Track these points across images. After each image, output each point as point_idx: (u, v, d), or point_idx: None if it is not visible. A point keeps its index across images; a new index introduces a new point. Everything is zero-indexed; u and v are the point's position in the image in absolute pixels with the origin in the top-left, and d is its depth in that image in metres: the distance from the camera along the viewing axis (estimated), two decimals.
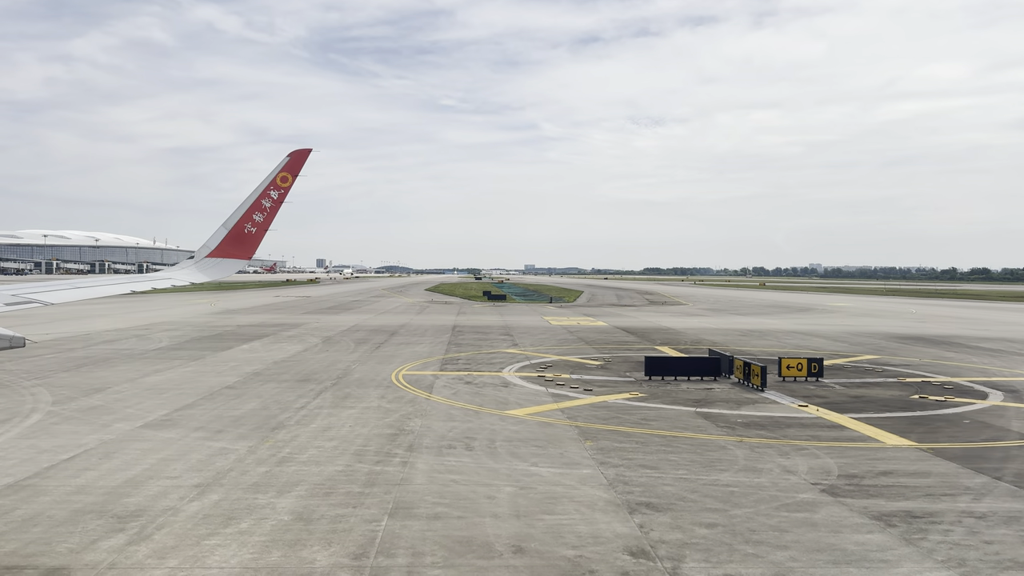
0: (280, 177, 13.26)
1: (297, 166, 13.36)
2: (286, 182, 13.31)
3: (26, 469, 13.80)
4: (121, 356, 31.11)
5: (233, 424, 18.09)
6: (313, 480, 13.34)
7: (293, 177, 13.35)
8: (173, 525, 10.94)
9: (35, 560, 9.58)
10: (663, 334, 45.70)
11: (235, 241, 13.31)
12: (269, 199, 13.25)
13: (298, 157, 13.42)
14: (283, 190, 13.30)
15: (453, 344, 37.63)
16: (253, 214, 13.30)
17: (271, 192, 13.24)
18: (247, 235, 13.26)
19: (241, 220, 13.30)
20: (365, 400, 21.56)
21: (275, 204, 13.34)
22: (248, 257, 13.57)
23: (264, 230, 13.43)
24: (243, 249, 13.39)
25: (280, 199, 13.33)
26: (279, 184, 13.25)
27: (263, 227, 13.39)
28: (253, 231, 13.29)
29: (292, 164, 13.33)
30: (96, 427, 17.53)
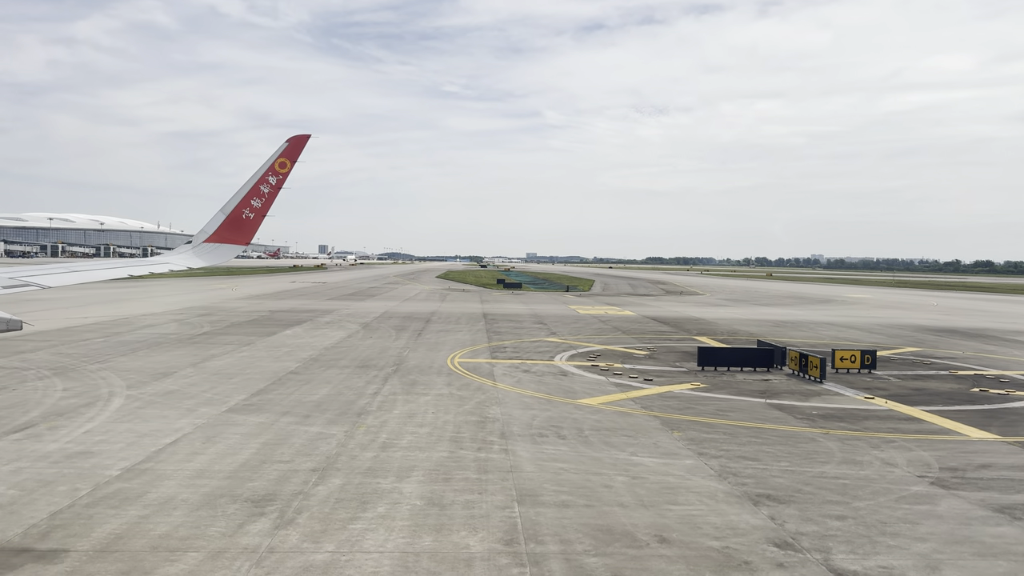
0: (279, 163, 13.24)
1: (296, 152, 13.35)
2: (284, 168, 13.29)
3: (136, 453, 13.89)
4: (170, 341, 31.21)
5: (316, 409, 18.18)
6: (425, 466, 13.43)
7: (292, 163, 13.33)
8: (311, 509, 11.05)
9: (193, 543, 9.66)
10: (696, 324, 45.69)
11: (233, 226, 13.30)
12: (267, 185, 13.24)
13: (297, 143, 13.41)
14: (281, 176, 13.30)
15: (492, 332, 37.72)
16: (251, 199, 13.30)
17: (269, 178, 13.23)
18: (245, 220, 13.27)
19: (239, 205, 13.30)
20: (433, 387, 21.65)
21: (273, 190, 13.32)
22: (246, 242, 13.58)
23: (262, 216, 13.44)
24: (241, 234, 13.40)
25: (278, 185, 13.32)
26: (277, 170, 13.25)
27: (261, 213, 13.40)
28: (251, 216, 13.30)
29: (291, 150, 13.32)
30: (183, 411, 17.63)
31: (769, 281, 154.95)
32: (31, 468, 12.73)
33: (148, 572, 8.80)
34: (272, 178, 13.13)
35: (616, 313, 53.62)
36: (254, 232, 13.39)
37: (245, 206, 13.19)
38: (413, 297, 68.40)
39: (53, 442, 14.51)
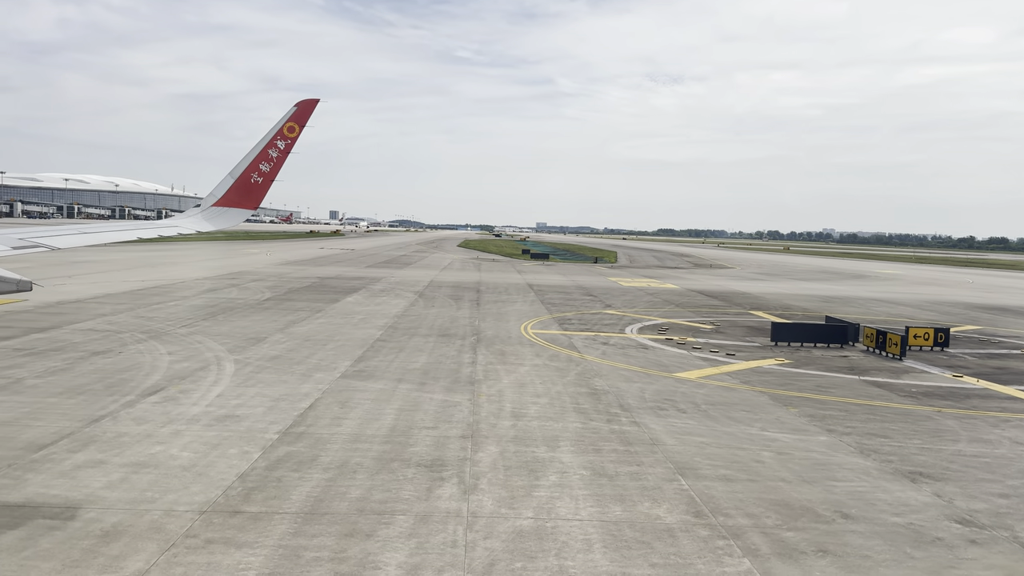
0: (287, 127, 13.19)
1: (304, 116, 13.29)
2: (293, 132, 13.24)
3: (281, 417, 14.12)
4: (242, 306, 31.37)
5: (426, 377, 18.34)
6: (566, 436, 13.59)
7: (300, 127, 13.28)
8: (486, 476, 11.27)
9: (394, 506, 9.88)
10: (745, 298, 45.44)
11: (241, 190, 13.31)
12: (276, 149, 13.21)
13: (305, 107, 13.32)
14: (290, 140, 13.26)
15: (547, 304, 37.73)
16: (259, 164, 13.29)
17: (278, 142, 13.20)
18: (253, 185, 13.27)
19: (248, 170, 13.29)
20: (525, 357, 21.73)
21: (282, 154, 13.30)
22: (254, 207, 13.66)
23: (270, 180, 13.43)
24: (249, 199, 13.43)
25: (287, 149, 13.30)
26: (286, 134, 13.19)
27: (269, 177, 13.38)
28: (259, 181, 13.29)
29: (299, 114, 13.25)
30: (299, 377, 17.85)
31: (789, 255, 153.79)
32: (189, 431, 13.01)
33: (368, 534, 9.11)
34: (281, 142, 13.14)
35: (659, 286, 53.51)
36: (263, 196, 13.47)
37: (254, 170, 13.21)
38: (448, 266, 68.49)
39: (193, 405, 14.82)
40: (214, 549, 8.53)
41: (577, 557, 8.67)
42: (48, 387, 15.81)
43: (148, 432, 12.88)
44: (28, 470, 10.79)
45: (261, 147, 13.16)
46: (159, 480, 10.63)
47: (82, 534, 8.75)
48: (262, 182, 13.25)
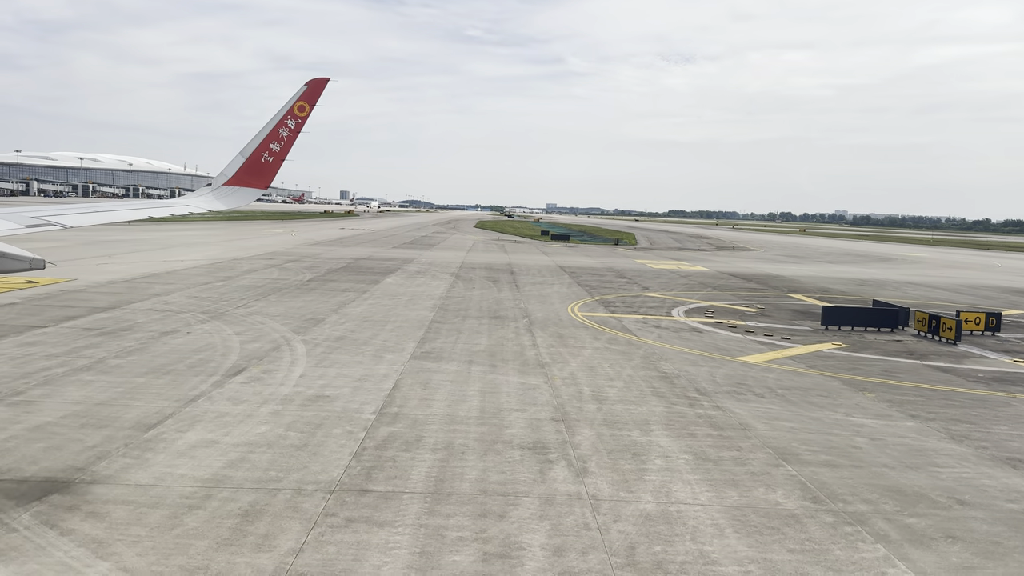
0: (297, 106, 13.11)
1: (315, 95, 13.21)
2: (303, 111, 13.16)
3: (370, 398, 14.20)
4: (288, 286, 31.46)
5: (495, 359, 18.36)
6: (655, 420, 13.59)
7: (311, 107, 13.20)
8: (592, 459, 11.30)
9: (514, 488, 9.93)
10: (781, 282, 45.11)
11: (252, 170, 13.27)
12: (286, 128, 13.14)
13: (316, 86, 13.26)
14: (300, 119, 13.18)
15: (584, 286, 37.62)
16: (270, 143, 13.20)
17: (288, 121, 13.13)
18: (264, 164, 13.22)
19: (258, 149, 13.21)
20: (583, 340, 21.69)
21: (292, 133, 13.22)
22: (265, 186, 13.63)
23: (281, 159, 13.38)
24: (260, 178, 13.38)
25: (297, 129, 13.23)
26: (296, 113, 13.11)
27: (280, 156, 13.32)
28: (270, 160, 13.24)
29: (310, 93, 13.18)
30: (372, 358, 17.94)
31: (806, 237, 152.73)
32: (287, 411, 13.10)
33: (501, 515, 9.19)
34: (291, 122, 13.08)
35: (689, 268, 53.32)
36: (273, 176, 13.45)
37: (264, 150, 13.15)
38: (473, 248, 68.47)
39: (280, 385, 14.95)
40: (357, 528, 8.66)
41: (713, 542, 8.73)
42: (131, 367, 15.99)
43: (248, 412, 13.02)
44: (146, 449, 10.96)
45: (272, 126, 13.13)
46: (277, 460, 10.75)
47: (223, 513, 8.92)
48: (273, 161, 13.25)
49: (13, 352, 16.85)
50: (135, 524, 8.51)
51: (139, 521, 8.59)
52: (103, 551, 7.86)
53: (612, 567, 8.01)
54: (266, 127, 13.17)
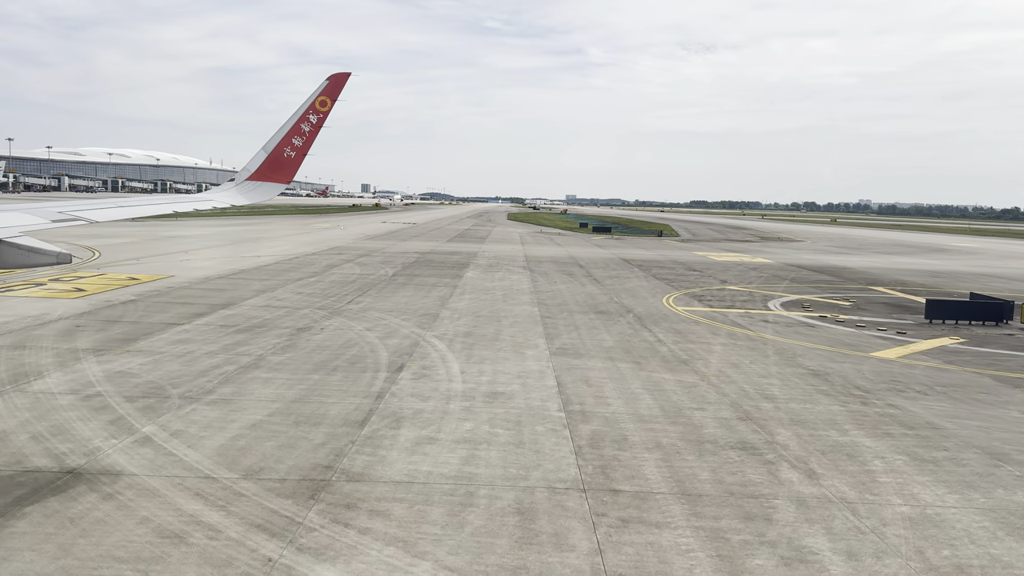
0: (319, 101, 13.09)
1: (336, 90, 13.18)
2: (325, 106, 13.13)
3: (545, 395, 14.18)
4: (378, 282, 31.60)
5: (630, 355, 18.20)
6: (840, 420, 13.35)
7: (332, 101, 13.17)
8: (812, 459, 11.17)
9: (755, 490, 9.91)
10: (853, 274, 44.31)
11: (275, 164, 13.32)
12: (308, 123, 13.13)
13: (337, 81, 13.21)
14: (322, 114, 13.16)
15: (663, 279, 37.24)
16: (292, 138, 13.23)
17: (310, 116, 13.12)
18: (286, 159, 13.26)
19: (280, 144, 13.25)
20: (704, 336, 21.43)
21: (314, 128, 13.23)
22: (287, 181, 13.69)
23: (303, 154, 13.41)
24: (282, 173, 13.44)
25: (319, 123, 13.22)
26: (318, 108, 13.10)
27: (302, 151, 13.35)
28: (292, 155, 13.27)
29: (331, 88, 13.15)
30: (514, 354, 17.91)
31: (841, 227, 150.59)
32: (477, 408, 13.12)
33: (767, 518, 9.10)
34: (313, 116, 13.10)
35: (752, 260, 52.62)
36: (296, 170, 13.55)
37: (286, 144, 13.21)
38: (523, 241, 68.26)
39: (449, 382, 15.01)
40: (639, 528, 8.69)
41: (994, 544, 8.59)
42: (295, 364, 16.16)
43: (441, 408, 13.11)
44: (376, 447, 11.08)
45: (294, 121, 13.21)
46: (507, 457, 10.83)
47: (497, 510, 9.01)
48: (295, 156, 13.33)
49: (171, 350, 17.12)
50: (422, 522, 8.61)
51: (423, 519, 8.70)
52: (413, 550, 7.98)
53: (915, 571, 7.95)
54: (288, 122, 13.30)
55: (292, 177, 13.90)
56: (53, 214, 10.14)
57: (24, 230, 9.00)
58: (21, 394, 13.09)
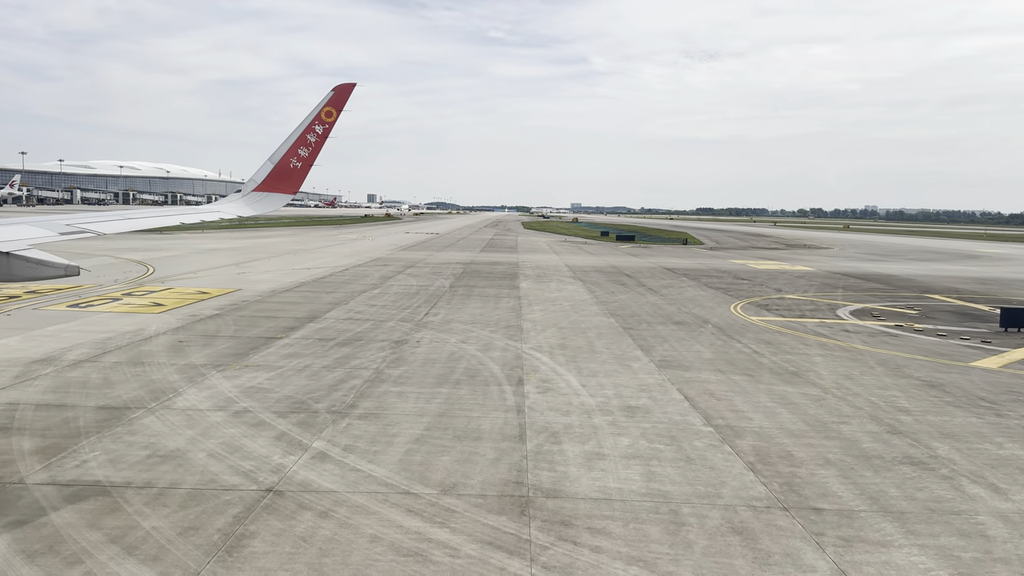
0: (325, 112, 13.17)
1: (342, 101, 13.25)
2: (331, 117, 13.22)
3: (679, 409, 14.11)
4: (440, 293, 31.55)
5: (735, 368, 18.13)
6: (993, 432, 13.28)
7: (338, 112, 13.26)
8: (991, 474, 11.13)
9: (952, 506, 9.83)
10: (901, 281, 44.03)
11: (281, 175, 13.39)
12: (314, 134, 13.21)
13: (343, 92, 13.28)
14: (328, 125, 13.25)
15: (716, 288, 37.06)
16: (298, 149, 13.30)
17: (316, 127, 13.20)
18: (292, 170, 13.34)
19: (287, 155, 13.32)
20: (795, 347, 21.25)
21: (320, 139, 13.29)
22: (293, 192, 13.75)
23: (309, 165, 13.47)
24: (288, 184, 13.52)
25: (325, 134, 13.30)
26: (324, 119, 13.18)
27: (308, 162, 13.41)
28: (298, 166, 13.35)
29: (337, 99, 13.21)
30: (620, 366, 17.78)
31: (857, 234, 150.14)
32: (623, 423, 13.04)
33: (983, 534, 9.09)
34: (319, 127, 13.19)
35: (793, 268, 52.34)
36: (302, 181, 13.64)
37: (292, 155, 13.29)
38: (551, 249, 68.10)
39: (576, 395, 14.87)
40: (866, 547, 8.60)
41: None
42: (417, 378, 16.01)
43: (590, 424, 12.91)
44: (551, 462, 10.94)
45: (299, 132, 13.31)
46: (687, 474, 10.67)
47: (712, 529, 8.90)
48: (301, 167, 13.43)
49: (288, 364, 17.09)
50: (646, 540, 8.47)
51: (644, 537, 8.55)
52: (658, 570, 7.88)
53: None
54: (294, 133, 13.41)
55: (298, 187, 14.00)
56: (61, 227, 10.26)
57: (33, 243, 9.17)
58: (170, 411, 13.15)
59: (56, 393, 14.07)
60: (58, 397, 13.78)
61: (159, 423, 12.47)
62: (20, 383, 14.73)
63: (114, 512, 8.97)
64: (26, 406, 13.18)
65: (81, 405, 13.29)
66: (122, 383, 14.95)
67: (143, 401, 13.72)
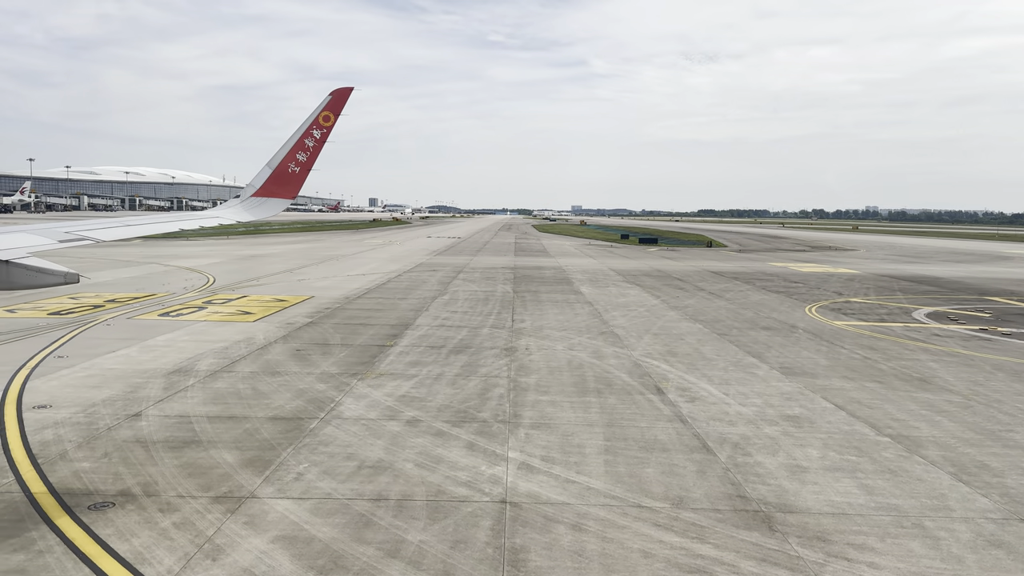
0: (322, 116, 13.16)
1: (339, 105, 13.24)
2: (328, 121, 13.20)
3: (834, 419, 14.07)
4: (503, 298, 31.42)
5: (860, 374, 17.96)
6: None
7: (335, 116, 13.24)
8: None
9: None
10: (950, 284, 43.80)
11: (279, 180, 13.37)
12: (312, 138, 13.20)
13: (340, 96, 13.26)
14: (326, 129, 13.23)
15: (776, 292, 36.94)
16: (296, 153, 13.28)
17: (314, 131, 13.18)
18: (291, 174, 13.32)
19: (285, 160, 13.31)
20: (900, 352, 21.17)
21: (318, 143, 13.28)
22: (292, 196, 13.72)
23: (307, 170, 13.45)
24: (287, 188, 13.49)
25: (323, 138, 13.27)
26: (322, 123, 13.16)
27: (306, 166, 13.40)
28: (297, 170, 13.33)
29: (334, 103, 13.21)
30: (744, 375, 17.69)
31: (868, 235, 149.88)
32: (802, 435, 12.99)
33: None
34: (316, 132, 13.17)
35: (835, 270, 52.04)
36: (300, 186, 13.62)
37: (291, 160, 13.29)
38: (582, 253, 67.89)
39: (740, 405, 14.76)
40: None
41: None
42: (554, 386, 15.88)
43: (763, 434, 12.86)
44: (759, 475, 10.86)
45: (297, 137, 13.30)
46: (909, 487, 10.55)
47: (978, 539, 8.82)
48: (299, 171, 13.42)
49: (420, 373, 16.90)
50: (916, 556, 8.41)
51: (910, 553, 8.49)
52: None
53: None
54: (292, 138, 13.41)
55: (297, 192, 13.98)
56: (60, 234, 10.24)
57: (31, 251, 9.19)
58: (343, 421, 13.06)
59: (216, 404, 14.03)
60: (222, 409, 13.74)
61: (342, 433, 12.40)
62: (173, 395, 14.63)
63: (369, 526, 8.91)
64: (198, 418, 13.13)
65: (252, 416, 13.24)
66: (274, 393, 14.90)
67: (309, 411, 13.64)
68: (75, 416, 12.98)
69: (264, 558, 8.07)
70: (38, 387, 14.82)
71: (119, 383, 15.39)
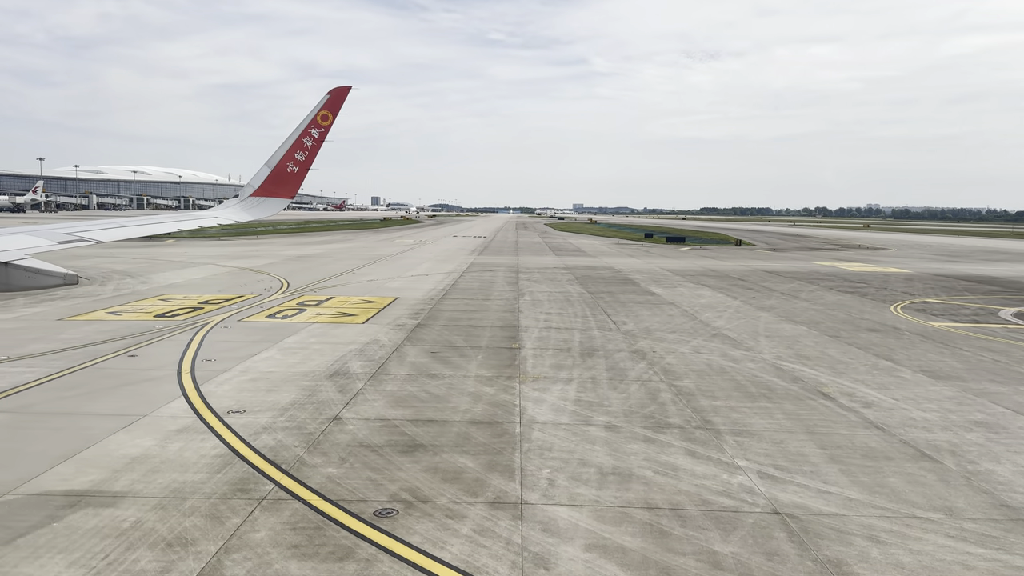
0: (321, 115, 13.10)
1: (337, 104, 13.17)
2: (327, 120, 13.15)
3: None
4: (580, 300, 31.21)
5: (1002, 376, 17.76)
6: None
7: (334, 115, 13.19)
8: None
9: None
10: (1009, 283, 43.35)
11: (278, 180, 13.30)
12: (310, 138, 13.15)
13: (338, 95, 13.18)
14: (324, 128, 13.17)
15: (846, 292, 36.63)
16: (295, 153, 13.23)
17: (312, 131, 13.12)
18: (289, 174, 13.26)
19: (283, 159, 13.24)
20: (1020, 356, 21.02)
21: (316, 143, 13.22)
22: (291, 196, 13.69)
23: (306, 169, 13.41)
24: (286, 188, 13.44)
25: (321, 138, 13.19)
26: (320, 123, 13.10)
27: (305, 166, 13.35)
28: (295, 170, 13.29)
29: (332, 102, 13.14)
30: (897, 378, 17.48)
31: (881, 232, 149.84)
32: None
33: None
34: (315, 131, 13.11)
35: (886, 270, 51.72)
36: (299, 185, 13.59)
37: (289, 159, 13.21)
38: (619, 253, 67.44)
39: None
40: None
41: None
42: (708, 390, 15.82)
43: (973, 441, 12.70)
44: (977, 476, 10.78)
45: (296, 136, 13.23)
46: None
47: None
48: (298, 171, 13.36)
49: (569, 376, 16.68)
50: None
51: None
52: None
53: None
54: (290, 137, 13.33)
55: (296, 192, 13.95)
56: (59, 235, 10.23)
57: (31, 252, 9.22)
58: (543, 425, 12.87)
59: (403, 407, 13.86)
60: (413, 412, 13.58)
61: (554, 439, 12.21)
62: (354, 398, 14.34)
63: (665, 535, 8.77)
64: (401, 421, 12.97)
65: (450, 420, 13.12)
66: (449, 396, 14.76)
67: (499, 415, 13.47)
68: (277, 421, 12.82)
69: (594, 568, 7.88)
70: (212, 391, 14.65)
71: (290, 386, 15.20)
